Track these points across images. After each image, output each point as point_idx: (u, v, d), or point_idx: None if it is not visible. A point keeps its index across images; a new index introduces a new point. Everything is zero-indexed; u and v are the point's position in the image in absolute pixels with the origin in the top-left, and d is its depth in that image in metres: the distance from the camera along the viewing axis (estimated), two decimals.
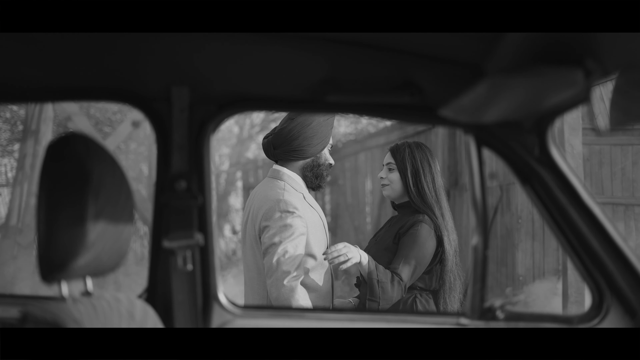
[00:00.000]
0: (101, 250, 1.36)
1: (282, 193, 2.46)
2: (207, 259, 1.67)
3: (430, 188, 2.53)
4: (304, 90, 1.62)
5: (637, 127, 5.65)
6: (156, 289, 1.66)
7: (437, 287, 2.53)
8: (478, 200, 1.65)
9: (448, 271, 2.51)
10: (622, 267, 1.59)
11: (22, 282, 7.56)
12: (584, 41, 1.25)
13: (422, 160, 2.56)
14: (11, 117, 12.08)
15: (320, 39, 1.58)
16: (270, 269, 2.38)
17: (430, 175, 2.55)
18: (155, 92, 1.62)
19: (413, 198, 2.54)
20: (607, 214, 1.64)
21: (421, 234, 2.48)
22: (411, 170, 2.55)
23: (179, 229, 1.63)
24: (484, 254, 1.65)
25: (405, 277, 2.42)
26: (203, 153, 1.65)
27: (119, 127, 9.29)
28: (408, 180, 2.54)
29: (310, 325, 1.70)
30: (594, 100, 5.16)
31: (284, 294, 2.33)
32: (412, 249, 2.47)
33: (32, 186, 8.15)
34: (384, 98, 1.61)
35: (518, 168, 1.64)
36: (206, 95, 1.63)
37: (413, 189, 2.54)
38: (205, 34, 1.57)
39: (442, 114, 1.59)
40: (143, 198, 9.73)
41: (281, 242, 2.38)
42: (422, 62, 1.59)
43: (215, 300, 1.69)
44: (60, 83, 1.57)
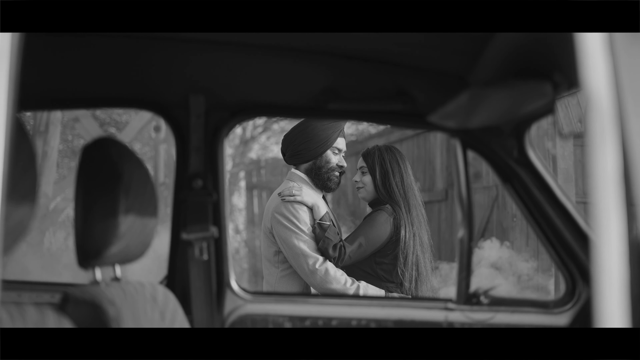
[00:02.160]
0: (130, 240, 1.54)
1: (288, 190, 2.67)
2: (221, 249, 1.86)
3: (399, 187, 2.75)
4: (307, 99, 1.81)
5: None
6: (175, 276, 1.85)
7: (400, 280, 2.70)
8: (463, 197, 1.84)
9: (408, 264, 2.68)
10: (592, 257, 1.78)
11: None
12: (552, 58, 1.44)
13: (392, 161, 2.77)
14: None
15: (322, 53, 1.77)
16: (299, 265, 2.58)
17: (399, 175, 2.75)
18: (174, 100, 1.81)
19: (381, 195, 2.75)
20: (580, 210, 1.82)
21: (376, 217, 2.72)
22: (380, 171, 2.76)
23: (195, 222, 1.81)
24: (469, 246, 1.84)
25: (349, 248, 2.63)
26: (217, 155, 1.84)
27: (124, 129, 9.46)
28: (377, 180, 2.74)
29: (313, 311, 1.89)
30: (560, 109, 5.35)
31: (319, 279, 2.54)
32: (364, 227, 2.71)
33: (40, 186, 8.31)
34: (379, 106, 1.80)
35: (499, 168, 1.82)
36: (220, 103, 1.82)
37: (382, 188, 2.75)
38: (219, 48, 1.76)
39: (431, 120, 1.78)
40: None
41: (293, 235, 2.59)
42: (413, 74, 1.77)
43: (228, 287, 1.87)
44: (93, 93, 1.76)
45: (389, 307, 1.92)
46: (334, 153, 2.76)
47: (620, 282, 0.72)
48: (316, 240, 2.60)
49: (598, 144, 0.72)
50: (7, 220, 1.13)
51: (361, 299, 2.22)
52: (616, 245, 0.72)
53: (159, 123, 9.17)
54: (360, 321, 1.89)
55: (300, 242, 2.59)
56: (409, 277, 2.69)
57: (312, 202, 2.66)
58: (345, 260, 2.61)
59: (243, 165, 13.74)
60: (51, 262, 7.35)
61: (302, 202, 2.63)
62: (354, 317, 1.89)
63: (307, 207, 2.65)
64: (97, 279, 1.54)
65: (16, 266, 7.09)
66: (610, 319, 0.72)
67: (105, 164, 1.52)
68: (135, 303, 1.58)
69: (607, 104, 0.72)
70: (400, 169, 2.76)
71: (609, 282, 0.72)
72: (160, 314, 1.69)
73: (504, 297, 1.87)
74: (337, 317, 1.89)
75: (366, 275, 2.69)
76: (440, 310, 1.88)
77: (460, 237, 1.85)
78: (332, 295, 2.46)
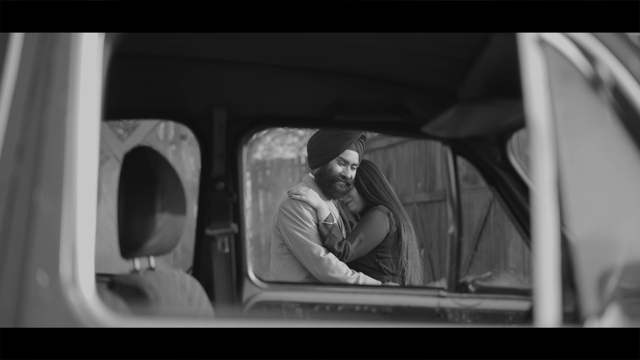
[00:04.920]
0: (164, 235, 1.78)
1: (296, 189, 2.93)
2: (240, 243, 2.11)
3: (383, 189, 3.05)
4: (317, 111, 2.07)
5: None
6: (200, 266, 2.10)
7: (399, 272, 2.99)
8: (454, 197, 2.10)
9: (409, 256, 2.99)
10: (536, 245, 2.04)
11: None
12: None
13: (369, 171, 3.06)
14: None
15: (330, 72, 2.03)
16: (304, 254, 2.84)
17: (379, 180, 3.06)
18: (200, 112, 2.07)
19: (371, 200, 3.03)
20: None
21: (372, 215, 2.99)
22: (363, 182, 3.05)
23: (218, 220, 2.06)
24: (458, 241, 2.10)
25: (352, 246, 2.90)
26: (237, 160, 2.10)
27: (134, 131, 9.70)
28: (363, 189, 3.02)
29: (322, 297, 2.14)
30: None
31: (323, 267, 2.80)
32: (362, 225, 2.98)
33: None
34: (379, 117, 2.05)
35: (485, 172, 2.07)
36: (240, 115, 2.08)
37: (369, 195, 3.05)
38: (240, 68, 2.02)
39: (424, 130, 2.04)
40: None
41: (297, 228, 2.84)
42: (409, 90, 2.03)
43: (246, 277, 2.13)
44: (132, 105, 2.02)
45: (388, 294, 2.17)
46: (340, 164, 2.93)
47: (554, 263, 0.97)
48: (322, 239, 2.85)
49: (538, 157, 0.98)
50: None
51: (363, 287, 2.48)
52: (551, 234, 0.97)
53: (185, 132, 9.50)
54: (363, 307, 2.14)
55: (304, 233, 2.83)
56: (410, 268, 2.96)
57: (316, 203, 2.89)
58: (349, 256, 2.87)
59: (249, 166, 13.95)
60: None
61: (307, 201, 2.88)
62: (358, 303, 2.15)
63: (312, 207, 2.89)
64: (136, 268, 1.78)
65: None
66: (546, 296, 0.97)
67: (144, 168, 1.75)
68: (168, 289, 1.82)
69: (545, 127, 0.98)
70: (378, 176, 3.05)
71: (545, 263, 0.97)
72: (188, 299, 1.93)
73: (489, 285, 2.12)
74: (342, 303, 2.15)
75: (369, 270, 2.94)
76: (433, 297, 2.14)
77: (451, 233, 2.10)
78: (338, 284, 2.72)
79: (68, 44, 1.00)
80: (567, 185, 0.97)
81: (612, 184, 1.01)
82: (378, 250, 2.95)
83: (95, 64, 1.01)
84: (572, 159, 0.97)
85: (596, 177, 0.99)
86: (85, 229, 1.03)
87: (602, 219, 1.00)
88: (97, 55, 1.01)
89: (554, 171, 0.98)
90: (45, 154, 1.00)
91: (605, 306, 0.94)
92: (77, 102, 1.00)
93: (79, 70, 1.00)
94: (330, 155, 2.92)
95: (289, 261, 2.94)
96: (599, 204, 1.00)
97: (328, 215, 2.89)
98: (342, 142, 2.91)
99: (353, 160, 2.95)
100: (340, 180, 2.96)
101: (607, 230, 1.00)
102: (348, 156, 2.93)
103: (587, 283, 0.96)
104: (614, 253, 0.98)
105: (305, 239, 2.83)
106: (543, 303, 0.97)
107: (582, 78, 1.00)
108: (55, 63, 1.00)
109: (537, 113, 0.99)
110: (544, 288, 0.97)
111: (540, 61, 1.00)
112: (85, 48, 1.01)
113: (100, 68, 1.03)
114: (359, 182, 3.02)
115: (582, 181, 0.97)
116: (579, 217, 0.97)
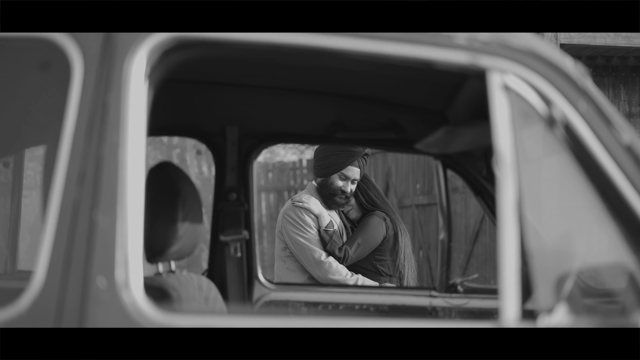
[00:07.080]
0: (185, 241, 1.99)
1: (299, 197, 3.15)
2: (250, 249, 2.34)
3: (377, 196, 3.28)
4: (320, 129, 2.29)
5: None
6: (214, 269, 2.32)
7: (396, 273, 3.22)
8: (444, 206, 2.32)
9: (406, 258, 3.22)
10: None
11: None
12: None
13: (363, 181, 3.27)
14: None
15: (332, 94, 2.25)
16: (306, 258, 3.05)
17: (373, 188, 3.29)
18: (214, 130, 2.29)
19: (365, 205, 3.26)
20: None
21: (369, 221, 3.22)
22: (359, 191, 3.27)
23: (230, 227, 2.28)
24: (448, 246, 2.32)
25: (351, 250, 3.13)
26: (248, 173, 2.32)
27: None
28: (360, 198, 3.26)
29: (325, 297, 2.36)
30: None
31: (325, 270, 3.01)
32: (360, 231, 3.21)
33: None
34: (376, 135, 2.28)
35: (472, 184, 2.29)
36: (250, 133, 2.31)
37: (366, 202, 3.28)
38: (250, 90, 2.24)
39: (418, 146, 2.26)
40: None
41: (299, 234, 3.06)
42: (404, 110, 2.25)
43: (256, 279, 2.35)
44: (159, 123, 2.24)
45: (385, 294, 2.40)
46: (341, 179, 3.11)
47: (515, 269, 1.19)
48: (324, 244, 3.07)
49: (502, 181, 1.20)
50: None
51: (362, 288, 2.71)
52: (513, 242, 1.20)
53: (200, 147, 9.93)
54: (362, 306, 2.37)
55: (306, 238, 3.04)
56: (407, 270, 3.19)
57: (318, 210, 3.10)
58: (348, 260, 3.09)
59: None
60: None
61: (308, 208, 3.10)
62: (357, 303, 2.37)
63: (314, 214, 3.09)
64: (160, 271, 1.99)
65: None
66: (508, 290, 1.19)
67: (167, 182, 1.96)
68: (187, 290, 2.03)
69: (508, 156, 1.20)
70: (371, 184, 3.28)
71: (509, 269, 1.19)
72: (205, 299, 2.14)
73: (477, 286, 2.35)
74: (343, 302, 2.37)
75: (368, 272, 3.16)
76: (425, 297, 2.36)
77: (442, 239, 2.32)
78: (340, 285, 2.94)
79: (119, 90, 1.22)
80: (526, 203, 1.19)
81: (564, 203, 1.24)
82: (376, 253, 3.17)
83: (142, 105, 1.24)
84: (530, 182, 1.19)
85: (550, 197, 1.22)
86: (135, 240, 1.26)
87: (556, 232, 1.22)
88: (143, 98, 1.24)
89: (516, 192, 1.20)
90: (102, 180, 1.22)
91: (555, 304, 1.17)
92: (127, 138, 1.23)
93: (127, 110, 1.23)
94: (333, 170, 3.10)
95: (291, 264, 3.14)
96: (553, 220, 1.22)
97: (328, 222, 3.10)
98: (345, 159, 3.09)
99: (354, 176, 3.12)
100: (340, 194, 3.14)
101: (559, 242, 1.22)
102: (349, 172, 3.10)
103: (543, 286, 1.18)
104: (566, 261, 1.21)
105: (307, 244, 3.04)
106: (507, 302, 1.20)
107: (540, 117, 1.24)
108: (109, 106, 1.22)
109: (502, 144, 1.22)
110: (508, 289, 1.20)
111: (505, 103, 1.23)
112: (132, 93, 1.24)
113: (146, 108, 1.25)
114: (356, 191, 3.24)
115: (538, 200, 1.20)
116: (535, 230, 1.20)
